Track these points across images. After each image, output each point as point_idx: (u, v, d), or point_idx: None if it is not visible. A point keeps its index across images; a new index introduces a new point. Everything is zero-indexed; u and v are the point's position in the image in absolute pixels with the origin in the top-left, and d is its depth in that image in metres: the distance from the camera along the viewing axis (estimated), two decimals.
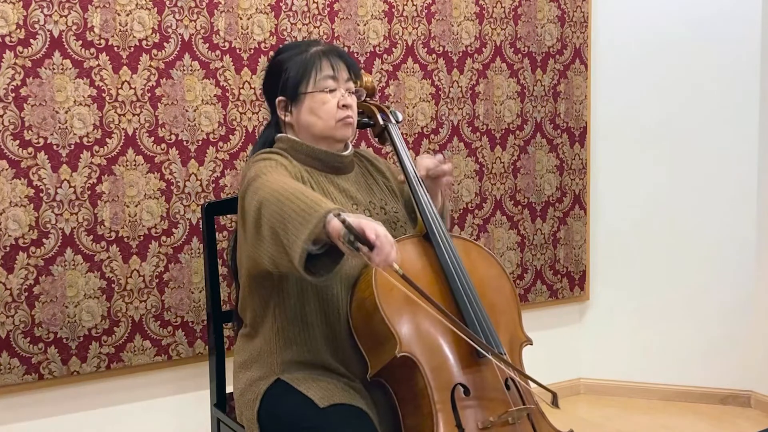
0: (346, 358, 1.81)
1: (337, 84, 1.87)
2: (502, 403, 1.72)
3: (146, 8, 2.43)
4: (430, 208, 1.89)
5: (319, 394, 1.76)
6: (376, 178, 2.02)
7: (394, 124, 2.02)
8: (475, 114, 3.04)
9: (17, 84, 2.28)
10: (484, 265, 1.93)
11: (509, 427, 1.70)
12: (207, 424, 2.29)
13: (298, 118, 1.89)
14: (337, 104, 1.86)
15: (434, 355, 1.72)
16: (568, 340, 3.41)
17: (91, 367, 2.43)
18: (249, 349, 1.90)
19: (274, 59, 1.95)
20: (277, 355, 1.83)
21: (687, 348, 3.34)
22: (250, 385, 1.87)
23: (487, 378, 1.75)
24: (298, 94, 1.87)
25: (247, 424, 1.87)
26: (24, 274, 2.32)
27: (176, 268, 2.53)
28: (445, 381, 1.71)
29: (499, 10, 3.05)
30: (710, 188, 3.26)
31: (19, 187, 2.30)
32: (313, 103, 1.86)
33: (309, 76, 1.86)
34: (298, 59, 1.87)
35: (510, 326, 1.88)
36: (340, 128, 1.88)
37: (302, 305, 1.80)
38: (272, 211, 1.62)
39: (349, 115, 1.88)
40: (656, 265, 3.34)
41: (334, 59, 1.88)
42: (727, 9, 3.18)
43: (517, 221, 3.18)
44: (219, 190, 2.57)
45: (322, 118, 1.86)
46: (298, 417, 1.75)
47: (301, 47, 1.91)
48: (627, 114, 3.32)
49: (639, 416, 3.23)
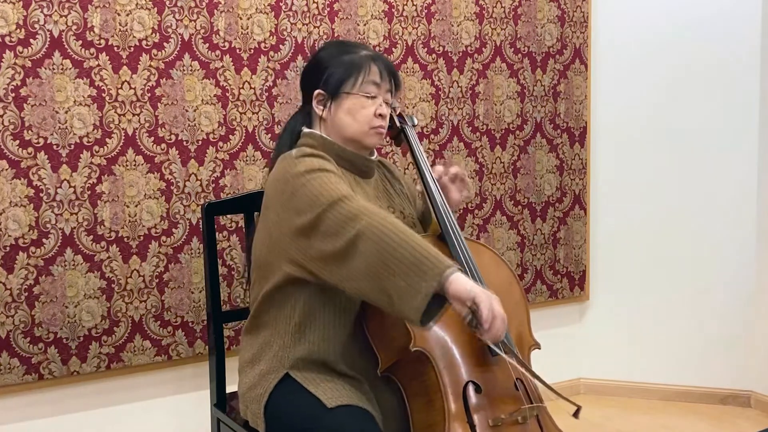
0: (354, 359, 1.82)
1: (379, 92, 1.88)
2: (514, 402, 1.73)
3: (146, 8, 2.43)
4: (445, 209, 1.92)
5: (328, 394, 1.77)
6: (394, 184, 2.05)
7: (411, 127, 2.05)
8: (475, 114, 3.04)
9: (17, 84, 2.28)
10: (495, 269, 1.94)
11: (519, 425, 1.71)
12: (207, 424, 2.29)
13: (333, 116, 1.88)
14: (375, 112, 1.87)
15: (447, 352, 1.74)
16: (568, 340, 3.41)
17: (91, 367, 2.43)
18: (258, 343, 1.89)
19: (319, 53, 1.94)
20: (291, 350, 1.83)
21: (687, 348, 3.34)
22: (260, 379, 1.86)
23: (498, 377, 1.76)
24: (339, 92, 1.87)
25: (252, 419, 1.87)
26: (24, 274, 2.32)
27: (176, 268, 2.53)
28: (458, 377, 1.72)
29: (499, 10, 3.05)
30: (710, 188, 3.26)
31: (19, 187, 2.30)
32: (352, 105, 1.86)
33: (356, 77, 1.86)
34: (347, 58, 1.87)
35: (519, 329, 1.90)
36: (372, 135, 1.89)
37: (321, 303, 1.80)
38: (379, 250, 1.60)
39: (383, 125, 1.90)
40: (656, 265, 3.34)
41: (382, 67, 1.89)
42: (727, 9, 3.18)
43: (517, 221, 3.18)
44: (219, 190, 2.57)
45: (358, 121, 1.87)
46: (306, 416, 1.76)
47: (350, 47, 1.92)
48: (627, 114, 3.32)
49: (639, 416, 3.23)
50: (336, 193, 1.70)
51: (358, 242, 1.62)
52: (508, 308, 1.87)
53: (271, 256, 1.83)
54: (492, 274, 1.91)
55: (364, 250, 1.62)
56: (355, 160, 1.91)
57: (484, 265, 1.91)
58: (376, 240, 1.61)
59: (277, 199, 1.79)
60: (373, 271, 1.61)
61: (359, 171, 1.93)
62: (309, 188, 1.73)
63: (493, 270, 1.94)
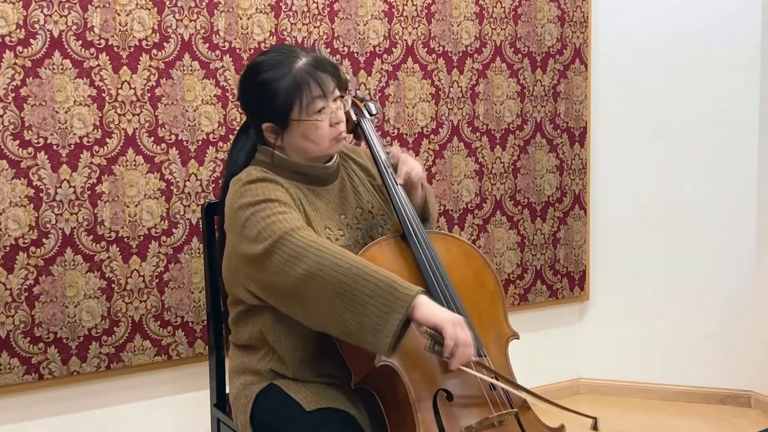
0: (333, 370, 1.80)
1: (326, 101, 1.78)
2: (489, 405, 1.70)
3: (146, 8, 2.43)
4: (406, 207, 1.86)
5: (308, 398, 1.76)
6: (361, 179, 1.98)
7: (368, 119, 1.96)
8: (475, 114, 3.04)
9: (17, 84, 2.28)
10: (465, 261, 1.89)
11: (493, 429, 1.68)
12: (207, 424, 2.29)
13: (290, 143, 1.82)
14: (330, 122, 1.80)
15: (415, 363, 1.69)
16: (568, 340, 3.41)
17: (91, 367, 2.43)
18: (241, 358, 1.91)
19: (253, 78, 1.81)
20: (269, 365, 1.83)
21: (687, 348, 3.34)
22: (243, 389, 1.87)
23: (470, 382, 1.72)
24: (288, 121, 1.78)
25: (242, 428, 1.87)
26: (24, 274, 2.32)
27: (176, 268, 2.53)
28: (427, 387, 1.69)
29: (499, 10, 3.05)
30: (710, 188, 3.26)
31: (19, 187, 2.30)
32: (305, 130, 1.78)
33: (299, 102, 1.75)
34: (284, 83, 1.75)
35: (494, 321, 1.86)
36: (334, 145, 1.84)
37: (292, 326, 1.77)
38: (334, 288, 1.59)
39: (341, 131, 1.83)
40: (656, 265, 3.34)
41: (319, 74, 1.77)
42: (728, 9, 3.18)
43: (517, 221, 3.18)
44: (219, 190, 2.57)
45: (316, 143, 1.81)
46: (286, 420, 1.75)
47: (284, 64, 1.78)
48: (627, 114, 3.32)
49: (639, 416, 3.23)
50: (280, 227, 1.66)
51: (308, 282, 1.61)
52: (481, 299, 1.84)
53: (233, 280, 1.83)
54: (461, 265, 1.87)
55: (316, 289, 1.60)
56: (313, 173, 1.86)
57: (453, 259, 1.86)
58: (327, 278, 1.59)
59: (230, 227, 1.78)
60: (330, 310, 1.60)
61: (317, 181, 1.87)
62: (254, 221, 1.70)
63: (463, 261, 1.89)
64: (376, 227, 1.92)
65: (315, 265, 1.60)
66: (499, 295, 1.90)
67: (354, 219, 1.89)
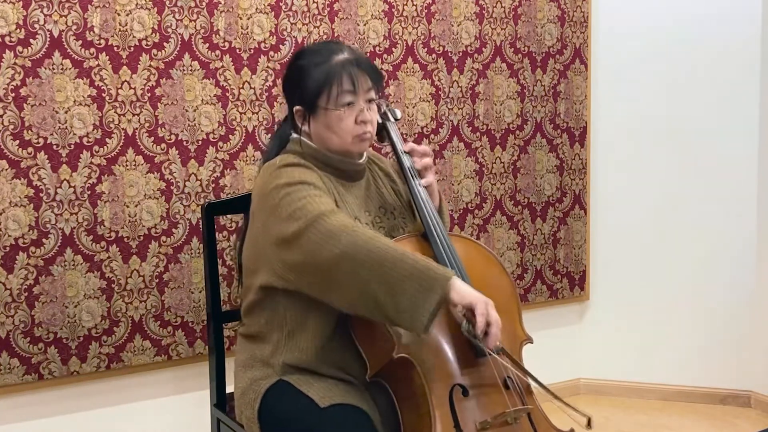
0: (348, 365, 1.81)
1: (356, 97, 1.82)
2: (503, 402, 1.72)
3: (146, 8, 2.43)
4: (428, 207, 1.89)
5: (320, 394, 1.76)
6: (385, 182, 2.02)
7: (393, 123, 2.00)
8: (475, 114, 3.04)
9: (17, 84, 2.28)
10: (483, 264, 1.92)
11: (508, 427, 1.70)
12: (207, 424, 2.29)
13: (314, 130, 1.86)
14: (355, 119, 1.83)
15: (432, 356, 1.72)
16: (568, 340, 3.41)
17: (91, 367, 2.43)
18: (252, 349, 1.90)
19: (294, 62, 1.89)
20: (282, 357, 1.83)
21: (687, 348, 3.34)
22: (252, 384, 1.86)
23: (486, 377, 1.74)
24: (316, 107, 1.83)
25: (247, 423, 1.87)
26: (24, 274, 2.32)
27: (176, 268, 2.53)
28: (443, 382, 1.71)
29: (499, 10, 3.05)
30: (711, 188, 3.26)
31: (19, 187, 2.30)
32: (329, 120, 1.82)
33: (328, 90, 1.80)
34: (319, 70, 1.81)
35: (510, 324, 1.88)
36: (357, 144, 1.86)
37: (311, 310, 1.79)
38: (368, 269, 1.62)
39: (367, 131, 1.85)
40: (656, 265, 3.34)
41: (355, 71, 1.81)
42: (728, 9, 3.18)
43: (517, 221, 3.18)
44: (219, 190, 2.57)
45: (338, 135, 1.84)
46: (299, 417, 1.76)
47: (323, 54, 1.84)
48: (627, 114, 3.32)
49: (639, 416, 3.23)
50: (315, 208, 1.69)
51: (342, 262, 1.63)
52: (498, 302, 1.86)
53: (257, 264, 1.83)
54: (479, 268, 1.89)
55: (350, 269, 1.62)
56: (342, 167, 1.89)
57: (472, 261, 1.88)
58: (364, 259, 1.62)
59: (261, 208, 1.80)
60: (365, 289, 1.62)
61: (346, 176, 1.90)
62: (289, 201, 1.72)
63: (481, 264, 1.91)
64: (397, 228, 1.94)
65: (350, 245, 1.63)
66: (515, 299, 1.93)
67: (377, 217, 1.92)
